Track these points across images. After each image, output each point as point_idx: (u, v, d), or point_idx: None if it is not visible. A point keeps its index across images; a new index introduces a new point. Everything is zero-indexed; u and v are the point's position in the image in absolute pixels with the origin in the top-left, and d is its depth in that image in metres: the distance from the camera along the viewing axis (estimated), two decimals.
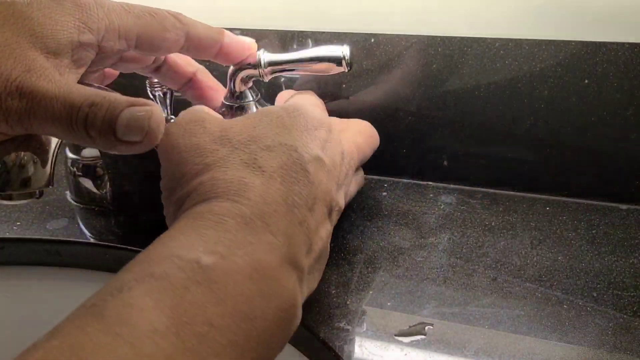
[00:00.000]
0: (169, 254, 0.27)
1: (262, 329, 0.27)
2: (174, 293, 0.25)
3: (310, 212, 0.32)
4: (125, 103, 0.30)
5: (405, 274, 0.40)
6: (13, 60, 0.30)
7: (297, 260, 0.30)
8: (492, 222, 0.46)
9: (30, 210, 0.50)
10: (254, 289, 0.27)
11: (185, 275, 0.26)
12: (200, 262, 0.26)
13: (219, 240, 0.28)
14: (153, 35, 0.36)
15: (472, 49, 0.47)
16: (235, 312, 0.26)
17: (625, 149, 0.46)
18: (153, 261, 0.26)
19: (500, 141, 0.49)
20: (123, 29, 0.34)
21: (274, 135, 0.33)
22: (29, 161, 0.34)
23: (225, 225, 0.28)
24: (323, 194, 0.33)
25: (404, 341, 0.35)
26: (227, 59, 0.41)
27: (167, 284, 0.25)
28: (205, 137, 0.33)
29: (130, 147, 0.30)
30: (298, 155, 0.32)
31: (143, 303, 0.24)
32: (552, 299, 0.37)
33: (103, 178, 0.49)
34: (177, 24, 0.37)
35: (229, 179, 0.30)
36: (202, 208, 0.29)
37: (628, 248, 0.42)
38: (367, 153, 0.43)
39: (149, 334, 0.23)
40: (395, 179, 0.53)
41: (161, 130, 0.30)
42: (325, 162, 0.34)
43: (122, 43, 0.35)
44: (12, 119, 0.30)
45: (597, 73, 0.44)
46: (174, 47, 0.37)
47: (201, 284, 0.26)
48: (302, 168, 0.32)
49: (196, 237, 0.28)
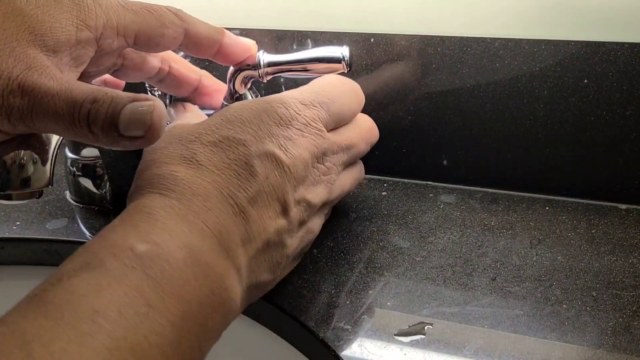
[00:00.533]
0: (105, 244, 0.28)
1: (197, 311, 0.28)
2: (112, 279, 0.26)
3: (251, 204, 0.33)
4: (127, 99, 0.30)
5: (405, 274, 0.40)
6: (14, 59, 0.30)
7: (230, 248, 0.31)
8: (491, 222, 0.46)
9: (30, 210, 0.50)
10: (188, 272, 0.28)
11: (121, 262, 0.27)
12: (134, 250, 0.27)
13: (151, 229, 0.29)
14: (151, 32, 0.36)
15: (472, 48, 0.47)
16: (172, 294, 0.27)
17: (625, 149, 0.46)
18: (91, 252, 0.28)
19: (500, 141, 0.49)
20: (121, 25, 0.34)
21: (223, 130, 0.34)
22: (29, 161, 0.34)
23: (157, 217, 0.30)
24: (271, 188, 0.34)
25: (403, 341, 0.35)
26: (227, 59, 0.41)
27: (104, 270, 0.26)
28: (165, 139, 0.35)
29: (132, 143, 0.31)
30: (245, 149, 0.34)
31: (83, 289, 0.25)
32: (552, 298, 0.37)
33: (103, 178, 0.49)
34: (176, 21, 0.37)
35: (162, 174, 0.32)
36: (137, 202, 0.31)
37: (627, 248, 0.42)
38: (361, 147, 0.42)
39: (90, 314, 0.24)
40: (395, 179, 0.53)
41: (163, 124, 0.31)
42: (281, 158, 0.35)
43: (121, 40, 0.35)
44: (15, 117, 0.30)
45: (597, 73, 0.44)
46: (172, 43, 0.37)
47: (137, 269, 0.27)
48: (245, 162, 0.33)
49: (130, 228, 0.29)
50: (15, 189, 0.34)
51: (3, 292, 0.50)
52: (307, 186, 0.37)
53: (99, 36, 0.33)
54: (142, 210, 0.30)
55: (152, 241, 0.28)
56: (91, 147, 0.48)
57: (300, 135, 0.36)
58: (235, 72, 0.43)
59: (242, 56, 0.42)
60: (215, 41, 0.39)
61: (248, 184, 0.33)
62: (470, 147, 0.50)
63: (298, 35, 0.51)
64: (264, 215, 0.33)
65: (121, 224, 0.30)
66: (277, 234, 0.34)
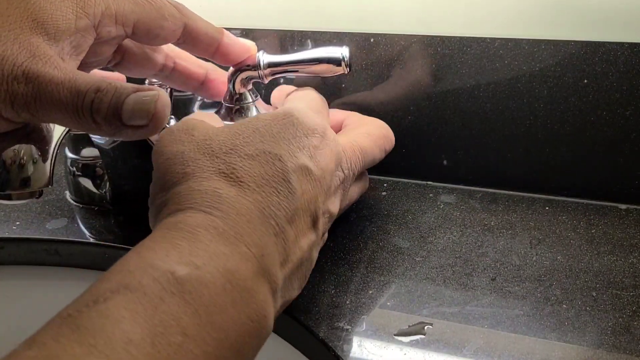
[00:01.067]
0: (143, 264, 0.27)
1: (234, 339, 0.27)
2: (149, 304, 0.25)
3: (289, 223, 0.32)
4: (131, 89, 0.30)
5: (405, 274, 0.40)
6: (18, 46, 0.30)
7: (270, 272, 0.30)
8: (491, 221, 0.46)
9: (30, 210, 0.50)
10: (227, 299, 0.27)
11: (160, 286, 0.26)
12: (174, 273, 0.26)
13: (193, 251, 0.28)
14: (150, 23, 0.36)
15: (472, 48, 0.47)
16: (209, 322, 0.26)
17: (625, 149, 0.46)
18: (128, 272, 0.26)
19: (500, 141, 0.49)
20: (120, 14, 0.34)
21: (258, 143, 0.33)
22: (29, 161, 0.34)
23: (199, 237, 0.28)
24: (306, 203, 0.33)
25: (403, 341, 0.35)
26: (226, 59, 0.41)
27: (142, 295, 0.25)
28: (190, 146, 0.33)
29: (135, 132, 0.30)
30: (281, 164, 0.32)
31: (118, 314, 0.24)
32: (552, 298, 0.37)
33: (102, 178, 0.50)
34: (176, 14, 0.37)
35: (204, 190, 0.30)
36: (177, 219, 0.29)
37: (627, 248, 0.42)
38: (376, 155, 0.42)
39: (124, 344, 0.23)
40: (395, 179, 0.53)
41: (167, 114, 0.31)
42: (313, 171, 0.33)
43: (120, 29, 0.35)
44: (18, 104, 0.30)
45: (597, 73, 0.44)
46: (171, 36, 0.37)
47: (175, 295, 0.26)
48: (283, 178, 0.32)
49: (170, 248, 0.28)
50: (15, 189, 0.34)
51: (3, 292, 0.50)
52: (330, 196, 0.36)
53: (97, 24, 0.33)
54: (183, 228, 0.29)
55: (192, 264, 0.27)
56: (91, 147, 0.48)
57: (324, 145, 0.35)
58: (235, 72, 0.43)
59: (241, 57, 0.42)
60: (214, 39, 0.39)
61: (287, 201, 0.32)
62: (470, 147, 0.50)
63: (298, 35, 0.51)
64: (300, 233, 0.32)
65: (161, 242, 0.28)
66: (309, 250, 0.33)
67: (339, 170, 0.37)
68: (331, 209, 0.36)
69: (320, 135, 0.35)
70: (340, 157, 0.37)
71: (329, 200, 0.36)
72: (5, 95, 0.29)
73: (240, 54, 0.41)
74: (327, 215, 0.36)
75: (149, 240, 0.29)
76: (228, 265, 0.28)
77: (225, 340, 0.26)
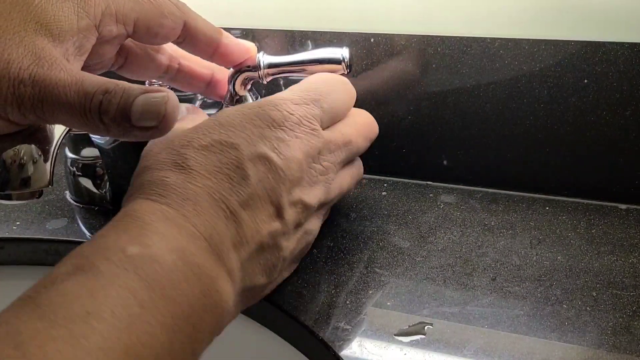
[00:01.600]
0: (97, 247, 0.28)
1: (189, 312, 0.28)
2: (105, 280, 0.26)
3: (243, 208, 0.33)
4: (139, 90, 0.30)
5: (404, 274, 0.40)
6: (23, 48, 0.30)
7: (222, 251, 0.31)
8: (491, 221, 0.46)
9: (30, 210, 0.50)
10: (179, 274, 0.28)
11: (113, 265, 0.27)
12: (125, 252, 0.28)
13: (142, 233, 0.29)
14: (150, 20, 0.36)
15: (472, 48, 0.47)
16: (163, 295, 0.27)
17: (625, 149, 0.46)
18: (82, 256, 0.28)
19: (500, 141, 0.49)
20: (120, 13, 0.35)
21: (215, 134, 0.34)
22: (29, 161, 0.34)
23: (146, 220, 0.30)
24: (264, 191, 0.34)
25: (403, 341, 0.35)
26: (226, 60, 0.41)
27: (97, 273, 0.27)
28: (159, 144, 0.35)
29: (145, 133, 0.31)
30: (236, 152, 0.34)
31: (76, 292, 0.26)
32: (552, 298, 0.37)
33: (103, 178, 0.50)
34: (176, 11, 0.37)
35: (152, 180, 0.32)
36: (127, 208, 0.31)
37: (627, 248, 0.42)
38: (360, 144, 0.42)
39: (83, 317, 0.24)
40: (395, 179, 0.53)
41: (176, 115, 0.31)
42: (273, 160, 0.34)
43: (120, 27, 0.35)
44: (25, 107, 0.30)
45: (597, 73, 0.44)
46: (171, 34, 0.37)
47: (129, 271, 0.27)
48: (237, 166, 0.33)
49: (121, 232, 0.29)
50: (15, 189, 0.34)
51: (3, 292, 0.50)
52: (303, 187, 0.36)
53: (98, 23, 0.34)
54: (133, 215, 0.30)
55: (143, 243, 0.28)
56: (91, 147, 0.48)
57: (293, 136, 0.36)
58: (235, 73, 0.43)
59: (241, 58, 0.42)
60: (214, 39, 0.39)
61: (240, 187, 0.33)
62: (470, 147, 0.50)
63: (298, 35, 0.51)
64: (257, 219, 0.33)
65: (112, 229, 0.30)
66: (271, 237, 0.34)
67: (317, 162, 0.37)
68: (304, 199, 0.36)
69: (289, 126, 0.36)
70: (318, 148, 0.37)
71: (299, 190, 0.36)
72: (12, 99, 0.30)
73: (239, 54, 0.41)
74: (300, 205, 0.36)
75: (102, 229, 0.30)
76: (177, 243, 0.29)
77: (181, 313, 0.28)
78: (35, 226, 0.48)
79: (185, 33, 0.38)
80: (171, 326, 0.27)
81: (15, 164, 0.33)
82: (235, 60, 0.42)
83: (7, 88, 0.29)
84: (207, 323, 0.29)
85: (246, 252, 0.33)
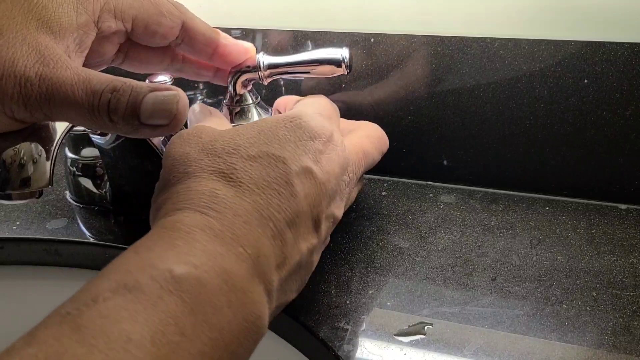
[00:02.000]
0: (142, 264, 0.27)
1: (229, 339, 0.27)
2: (148, 303, 0.25)
3: (289, 226, 0.32)
4: (147, 88, 0.30)
5: (404, 274, 0.40)
6: (27, 46, 0.30)
7: (266, 274, 0.30)
8: (491, 221, 0.46)
9: (30, 210, 0.50)
10: (223, 299, 0.27)
11: (158, 285, 0.26)
12: (172, 272, 0.26)
13: (190, 251, 0.28)
14: (148, 18, 0.36)
15: (472, 48, 0.47)
16: (205, 322, 0.26)
17: (625, 149, 0.46)
18: (127, 271, 0.27)
19: (500, 141, 0.49)
20: (119, 9, 0.35)
21: (262, 145, 0.33)
22: (29, 161, 0.34)
23: (195, 237, 0.29)
24: (308, 207, 0.33)
25: (403, 341, 0.35)
26: (225, 60, 0.41)
27: (141, 293, 0.25)
28: (196, 147, 0.33)
29: (154, 131, 0.31)
30: (285, 167, 0.32)
31: (117, 314, 0.24)
32: (552, 298, 0.37)
33: (102, 178, 0.50)
34: (174, 11, 0.37)
35: (202, 190, 0.31)
36: (174, 218, 0.30)
37: (627, 248, 0.42)
38: (375, 157, 0.42)
39: (124, 344, 0.24)
40: (395, 179, 0.53)
41: (187, 114, 0.31)
42: (317, 174, 0.33)
43: (119, 24, 0.35)
44: (32, 105, 0.30)
45: (597, 73, 0.44)
46: (170, 33, 0.37)
47: (173, 294, 0.26)
48: (286, 181, 0.32)
49: (168, 247, 0.28)
50: (15, 189, 0.34)
51: (3, 292, 0.50)
52: (336, 201, 0.36)
53: (97, 19, 0.34)
54: (181, 228, 0.29)
55: (190, 263, 0.27)
56: (91, 147, 0.48)
57: (330, 149, 0.35)
58: (235, 74, 0.43)
59: (240, 58, 0.42)
60: (212, 39, 0.39)
61: (288, 204, 0.32)
62: (470, 147, 0.50)
63: (298, 35, 0.51)
64: (300, 237, 0.32)
65: (159, 240, 0.29)
66: (309, 254, 0.33)
67: (346, 175, 0.37)
68: (336, 213, 0.36)
69: (327, 139, 0.35)
70: (348, 162, 0.37)
71: (334, 205, 0.35)
72: (18, 97, 0.29)
73: (238, 55, 0.41)
74: (332, 219, 0.35)
75: (147, 239, 0.29)
76: (224, 265, 0.28)
77: (221, 340, 0.27)
78: (35, 226, 0.48)
79: (183, 33, 0.38)
80: (210, 354, 0.26)
81: (15, 163, 0.33)
82: (234, 61, 0.41)
83: (13, 87, 0.29)
84: (246, 348, 0.28)
85: (286, 272, 0.32)
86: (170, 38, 0.38)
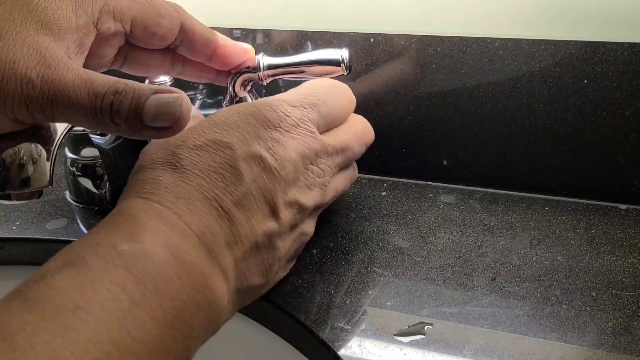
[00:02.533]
0: (87, 243, 0.28)
1: (181, 308, 0.28)
2: (95, 275, 0.26)
3: (237, 207, 0.33)
4: (149, 90, 0.31)
5: (404, 274, 0.40)
6: (27, 48, 0.30)
7: (214, 250, 0.31)
8: (491, 222, 0.46)
9: (30, 210, 0.50)
10: (170, 270, 0.28)
11: (103, 260, 0.27)
12: (116, 248, 0.28)
13: (134, 229, 0.29)
14: (147, 20, 0.36)
15: (471, 48, 0.47)
16: (155, 291, 0.27)
17: (625, 149, 0.46)
18: (73, 251, 0.28)
19: (500, 141, 0.49)
20: (117, 11, 0.35)
21: (209, 134, 0.35)
22: (29, 161, 0.34)
23: (138, 218, 0.30)
24: (258, 191, 0.34)
25: (403, 341, 0.35)
26: (224, 62, 0.41)
27: (87, 268, 0.27)
28: (156, 143, 0.35)
29: (157, 133, 0.31)
30: (230, 152, 0.34)
31: (65, 285, 0.26)
32: (551, 298, 0.37)
33: (102, 178, 0.50)
34: (173, 12, 0.37)
35: (145, 178, 0.33)
36: (119, 206, 0.32)
37: (627, 248, 0.42)
38: (357, 149, 0.42)
39: (72, 309, 0.25)
40: (395, 179, 0.53)
41: (190, 116, 0.31)
42: (267, 160, 0.35)
43: (118, 25, 0.35)
44: (34, 107, 0.30)
45: (596, 73, 0.44)
46: (169, 35, 0.38)
47: (119, 267, 0.27)
48: (231, 165, 0.34)
49: (112, 229, 0.30)
50: (15, 189, 0.34)
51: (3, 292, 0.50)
52: (300, 189, 0.36)
53: (96, 20, 0.34)
54: (125, 212, 0.31)
55: (134, 239, 0.29)
56: (91, 147, 0.48)
57: (289, 137, 0.36)
58: (235, 75, 0.43)
59: (239, 59, 0.42)
60: (211, 40, 0.39)
61: (234, 186, 0.33)
62: (470, 147, 0.50)
63: (298, 35, 0.51)
64: (252, 218, 0.33)
65: (104, 226, 0.30)
66: (266, 237, 0.34)
67: (314, 165, 0.38)
68: (301, 200, 0.36)
69: (285, 127, 0.36)
70: (315, 151, 0.38)
71: (297, 192, 0.36)
72: (20, 99, 0.29)
73: (237, 56, 0.41)
74: (296, 206, 0.36)
75: (94, 227, 0.30)
76: (169, 240, 0.29)
77: (172, 308, 0.28)
78: (35, 226, 0.48)
79: (182, 35, 0.38)
80: (162, 321, 0.27)
81: (15, 163, 0.33)
82: (233, 62, 0.41)
83: (15, 88, 0.29)
84: (200, 320, 0.29)
85: (241, 252, 0.33)
86: (169, 39, 0.38)
